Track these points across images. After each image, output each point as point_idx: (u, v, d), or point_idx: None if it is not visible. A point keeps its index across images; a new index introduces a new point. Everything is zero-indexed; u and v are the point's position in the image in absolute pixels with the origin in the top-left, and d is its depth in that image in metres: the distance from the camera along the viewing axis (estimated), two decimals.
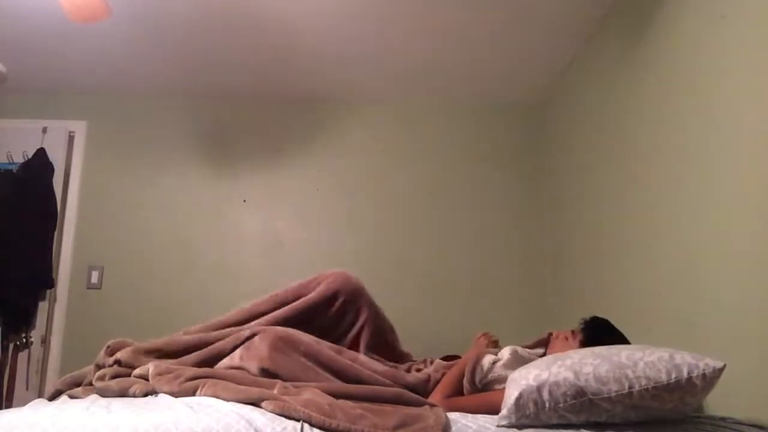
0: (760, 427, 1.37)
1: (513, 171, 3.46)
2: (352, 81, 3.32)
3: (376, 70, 3.19)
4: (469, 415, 1.41)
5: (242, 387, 1.38)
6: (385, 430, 1.23)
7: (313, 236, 3.37)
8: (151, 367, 1.50)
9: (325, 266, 3.32)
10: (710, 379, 1.29)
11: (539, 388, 1.31)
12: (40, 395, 2.90)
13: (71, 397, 1.58)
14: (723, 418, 1.44)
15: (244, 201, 3.42)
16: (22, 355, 3.12)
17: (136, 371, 1.57)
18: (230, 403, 1.30)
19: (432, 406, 1.45)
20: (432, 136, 3.52)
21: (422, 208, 3.41)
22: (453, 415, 1.37)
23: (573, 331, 1.83)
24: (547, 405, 1.30)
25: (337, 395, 1.44)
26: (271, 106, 3.53)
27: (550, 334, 1.88)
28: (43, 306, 3.20)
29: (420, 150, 3.50)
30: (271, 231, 3.38)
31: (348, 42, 2.90)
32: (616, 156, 2.49)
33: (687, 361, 1.30)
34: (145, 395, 1.47)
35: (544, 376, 1.33)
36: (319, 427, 1.22)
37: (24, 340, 3.12)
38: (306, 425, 1.21)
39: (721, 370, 1.30)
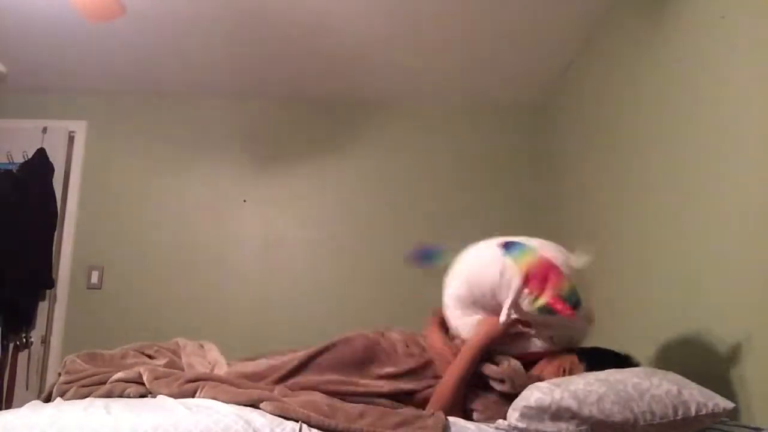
0: (758, 429, 1.37)
1: (512, 171, 3.46)
2: (352, 82, 3.31)
3: (377, 72, 3.19)
4: (467, 419, 1.39)
5: (241, 390, 1.37)
6: (385, 430, 1.23)
7: (313, 236, 3.37)
8: (144, 372, 1.47)
9: (324, 266, 3.35)
10: (718, 417, 1.26)
11: (540, 414, 1.27)
12: (40, 395, 2.89)
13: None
14: (723, 421, 1.44)
15: (244, 201, 3.41)
16: (22, 355, 3.12)
17: (120, 375, 1.50)
18: (229, 404, 1.29)
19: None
20: (432, 136, 3.51)
21: (422, 208, 3.40)
22: (452, 418, 1.36)
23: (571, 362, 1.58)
24: None
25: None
26: (270, 106, 3.53)
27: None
28: (43, 306, 3.20)
29: (419, 150, 3.49)
30: (271, 231, 3.38)
31: (351, 44, 2.89)
32: (616, 156, 2.48)
33: (695, 399, 1.26)
34: (141, 397, 1.45)
35: (546, 401, 1.28)
36: (318, 427, 1.22)
37: (24, 340, 3.13)
38: (305, 425, 1.21)
39: (730, 411, 1.26)
